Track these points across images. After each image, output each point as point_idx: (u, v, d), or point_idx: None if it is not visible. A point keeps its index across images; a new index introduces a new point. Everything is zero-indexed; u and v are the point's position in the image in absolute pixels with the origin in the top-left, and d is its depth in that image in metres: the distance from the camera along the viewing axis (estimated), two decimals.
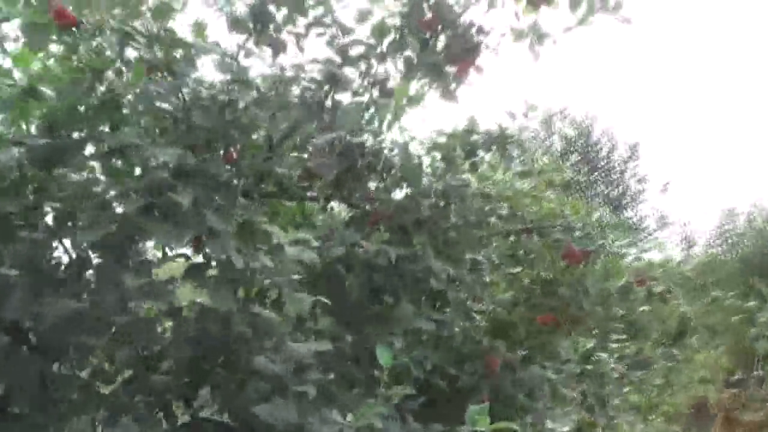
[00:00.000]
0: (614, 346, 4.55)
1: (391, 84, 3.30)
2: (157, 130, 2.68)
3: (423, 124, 4.02)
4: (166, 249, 2.60)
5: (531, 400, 3.49)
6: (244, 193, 3.36)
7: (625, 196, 20.62)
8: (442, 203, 3.38)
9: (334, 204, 3.67)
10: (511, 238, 4.22)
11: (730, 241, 9.26)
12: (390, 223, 3.23)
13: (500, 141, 3.55)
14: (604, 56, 31.36)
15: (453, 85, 3.31)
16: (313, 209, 3.84)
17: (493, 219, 3.79)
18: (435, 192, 3.40)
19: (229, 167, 2.74)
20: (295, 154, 3.37)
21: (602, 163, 20.64)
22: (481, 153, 3.65)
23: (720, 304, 7.60)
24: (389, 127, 3.63)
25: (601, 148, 20.84)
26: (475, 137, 3.68)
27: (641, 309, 4.20)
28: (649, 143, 33.10)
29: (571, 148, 20.55)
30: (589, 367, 4.09)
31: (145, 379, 2.57)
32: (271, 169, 3.21)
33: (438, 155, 3.78)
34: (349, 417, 2.11)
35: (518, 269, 4.09)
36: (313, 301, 2.90)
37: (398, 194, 3.45)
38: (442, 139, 3.71)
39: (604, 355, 4.37)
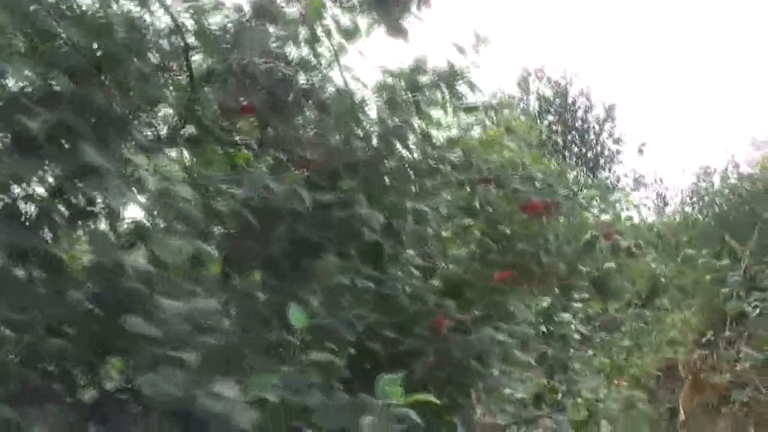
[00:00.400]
0: (578, 305, 4.25)
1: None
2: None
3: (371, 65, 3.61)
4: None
5: (483, 365, 3.17)
6: (168, 138, 2.98)
7: (601, 157, 20.36)
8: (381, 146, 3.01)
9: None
10: (467, 189, 3.87)
11: (704, 199, 8.99)
12: (318, 167, 2.85)
13: (449, 78, 3.16)
14: (582, 15, 30.77)
15: (398, 16, 2.92)
16: (249, 157, 3.44)
17: (443, 167, 3.42)
18: (374, 134, 3.01)
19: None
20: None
21: (578, 124, 20.30)
22: (427, 93, 3.26)
23: (693, 263, 7.35)
24: (329, 65, 3.21)
25: (578, 108, 20.50)
26: (422, 77, 3.29)
27: (608, 265, 3.88)
28: (627, 104, 32.80)
29: (548, 108, 20.16)
30: (551, 328, 3.78)
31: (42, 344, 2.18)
32: (192, 108, 2.82)
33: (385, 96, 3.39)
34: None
35: (473, 223, 3.74)
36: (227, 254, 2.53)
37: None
38: (388, 79, 3.31)
39: (566, 316, 4.07)
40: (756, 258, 6.93)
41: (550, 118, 19.98)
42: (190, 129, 3.02)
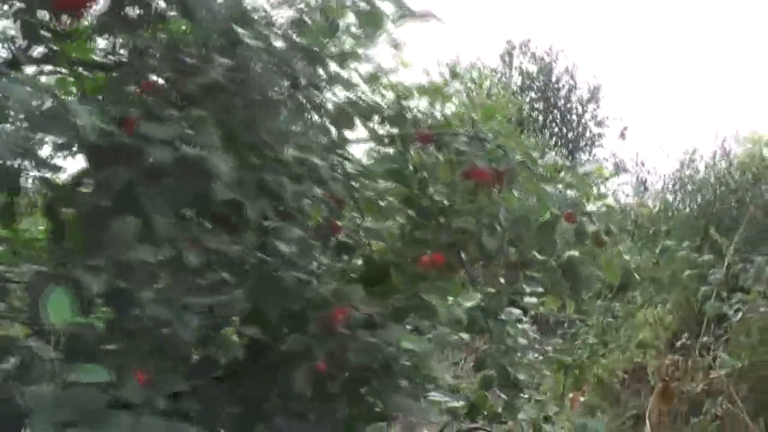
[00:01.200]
0: (533, 300, 3.44)
1: None
2: None
3: None
4: None
5: (388, 375, 2.36)
6: None
7: (582, 139, 19.56)
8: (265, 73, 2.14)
9: None
10: (397, 147, 3.04)
11: (687, 187, 8.24)
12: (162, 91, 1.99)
13: None
14: None
15: None
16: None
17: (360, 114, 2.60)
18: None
19: None
20: None
21: (561, 103, 19.45)
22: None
23: (671, 255, 6.60)
24: None
25: (562, 87, 19.62)
26: None
27: (569, 254, 3.08)
28: (611, 85, 31.91)
29: (530, 84, 19.25)
30: (491, 326, 2.97)
31: None
32: None
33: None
34: None
35: (394, 188, 2.92)
36: None
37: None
38: None
39: (515, 312, 3.26)
40: (741, 255, 6.20)
41: (532, 95, 19.11)
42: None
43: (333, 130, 2.86)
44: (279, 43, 2.26)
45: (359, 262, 3.10)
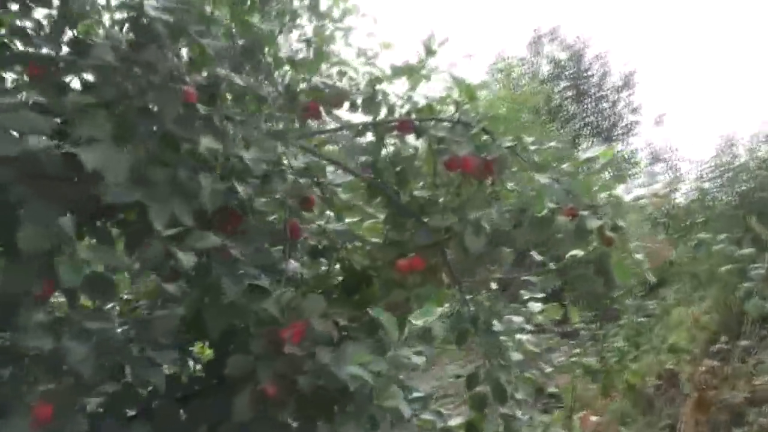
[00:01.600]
0: (537, 306, 3.02)
1: None
2: None
3: None
4: None
5: (343, 403, 1.98)
6: None
7: (616, 128, 18.74)
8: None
9: None
10: (369, 135, 2.66)
11: (726, 175, 7.63)
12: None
13: None
14: None
15: None
16: None
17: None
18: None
19: None
20: None
21: (593, 91, 18.66)
22: None
23: (708, 249, 6.04)
24: None
25: (593, 75, 18.83)
26: None
27: (572, 254, 2.66)
28: (645, 72, 30.74)
29: (560, 73, 18.52)
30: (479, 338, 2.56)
31: None
32: None
33: None
34: None
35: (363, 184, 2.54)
36: None
37: None
38: None
39: (516, 320, 2.84)
40: None
41: (563, 84, 18.38)
42: None
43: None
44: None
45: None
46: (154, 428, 2.08)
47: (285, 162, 2.08)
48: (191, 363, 2.51)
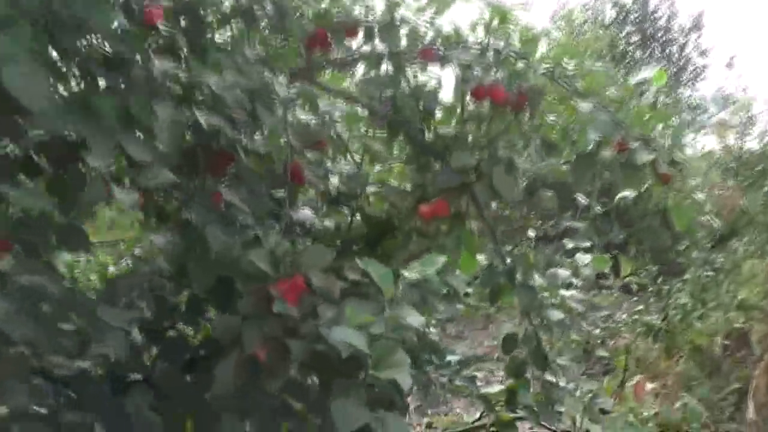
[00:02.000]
0: (586, 258, 2.68)
1: None
2: None
3: None
4: None
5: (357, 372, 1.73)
6: None
7: (684, 72, 17.64)
8: None
9: None
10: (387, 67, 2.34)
11: None
12: None
13: None
14: None
15: None
16: None
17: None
18: None
19: None
20: None
21: (660, 35, 17.55)
22: None
23: None
24: None
25: (660, 18, 17.70)
26: None
27: (621, 195, 2.31)
28: (714, 12, 28.60)
29: (625, 17, 17.45)
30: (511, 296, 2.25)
31: None
32: None
33: None
34: None
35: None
36: None
37: None
38: None
39: (564, 274, 2.52)
40: None
41: (628, 28, 17.34)
42: None
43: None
44: None
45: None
46: (157, 394, 1.90)
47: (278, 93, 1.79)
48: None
